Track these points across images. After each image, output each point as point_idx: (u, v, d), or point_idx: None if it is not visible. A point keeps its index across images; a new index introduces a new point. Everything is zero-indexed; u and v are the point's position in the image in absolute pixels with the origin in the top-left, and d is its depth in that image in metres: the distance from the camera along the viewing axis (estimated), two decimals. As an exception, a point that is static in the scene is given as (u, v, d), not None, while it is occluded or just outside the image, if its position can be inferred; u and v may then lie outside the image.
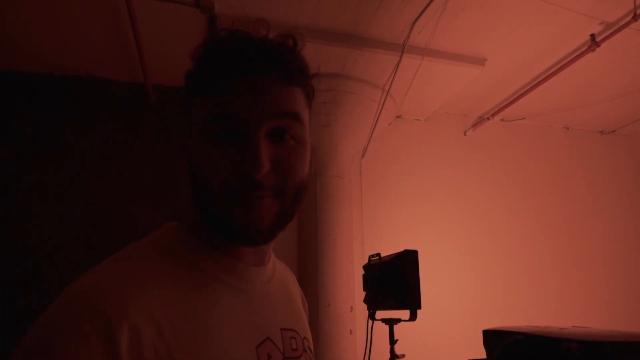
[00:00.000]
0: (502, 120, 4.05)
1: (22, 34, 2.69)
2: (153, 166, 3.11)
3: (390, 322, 1.91)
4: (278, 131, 0.58)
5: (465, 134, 3.95)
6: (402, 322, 1.88)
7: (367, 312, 2.00)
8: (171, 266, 0.57)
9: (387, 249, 2.21)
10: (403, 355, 1.89)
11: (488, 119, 3.88)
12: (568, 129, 4.29)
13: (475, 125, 3.94)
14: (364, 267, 2.09)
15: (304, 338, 0.71)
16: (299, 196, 0.61)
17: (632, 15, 2.57)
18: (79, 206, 2.95)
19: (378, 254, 2.00)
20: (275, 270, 0.73)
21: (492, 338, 0.80)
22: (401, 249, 1.90)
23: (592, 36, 2.81)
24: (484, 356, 0.87)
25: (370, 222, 3.47)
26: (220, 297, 0.58)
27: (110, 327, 0.46)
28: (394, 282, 1.84)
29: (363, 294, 2.05)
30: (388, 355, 1.92)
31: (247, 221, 0.57)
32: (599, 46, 2.80)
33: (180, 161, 3.13)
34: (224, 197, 0.56)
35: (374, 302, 1.95)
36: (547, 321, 3.64)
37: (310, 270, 2.98)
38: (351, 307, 2.97)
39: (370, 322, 1.91)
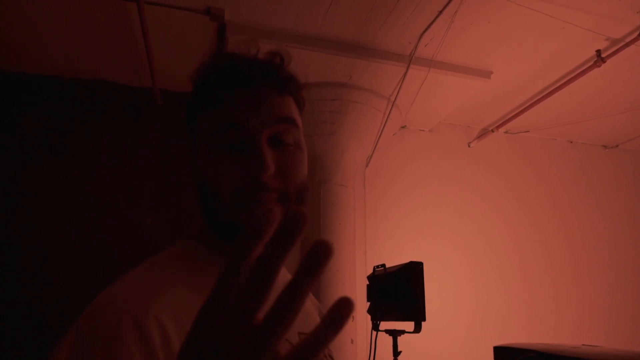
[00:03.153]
0: (506, 132, 4.06)
1: (32, 36, 2.71)
2: (157, 171, 3.12)
3: (394, 334, 1.90)
4: (278, 137, 0.63)
5: (469, 146, 3.96)
6: (406, 334, 1.88)
7: (368, 322, 1.99)
8: (187, 273, 0.60)
9: (390, 259, 2.21)
10: (406, 367, 1.88)
11: (492, 131, 3.90)
12: (572, 142, 4.30)
13: (479, 137, 3.95)
14: (369, 278, 2.08)
15: None
16: (302, 198, 0.64)
17: (638, 32, 2.59)
18: (82, 209, 2.96)
19: (383, 265, 2.00)
20: (286, 278, 0.73)
21: (504, 354, 0.80)
22: (404, 260, 1.90)
23: (598, 52, 2.83)
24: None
25: (373, 231, 3.47)
26: None
27: (141, 326, 0.49)
28: (399, 294, 1.84)
29: (365, 303, 2.05)
30: (391, 367, 1.91)
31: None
32: (604, 62, 2.82)
33: (184, 167, 3.14)
34: (232, 201, 0.60)
35: (378, 313, 1.95)
36: (549, 335, 3.62)
37: (312, 279, 2.97)
38: (353, 317, 2.96)
39: (374, 332, 1.91)
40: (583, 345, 0.87)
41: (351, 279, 3.02)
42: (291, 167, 0.63)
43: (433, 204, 3.69)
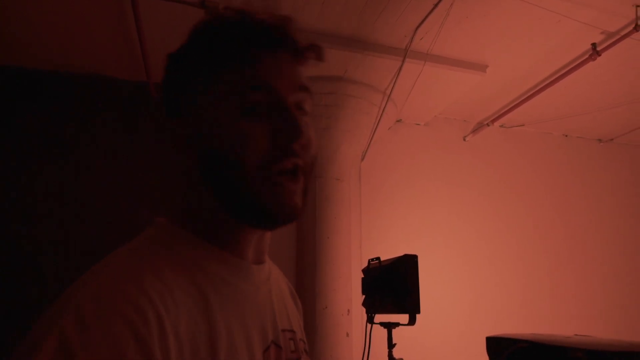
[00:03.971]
0: (501, 126, 4.07)
1: (27, 31, 2.68)
2: (154, 164, 3.11)
3: (389, 326, 1.91)
4: (297, 106, 0.60)
5: (464, 139, 3.97)
6: (400, 326, 1.88)
7: (363, 315, 2.00)
8: (174, 268, 0.53)
9: (385, 253, 2.21)
10: (401, 359, 1.89)
11: (488, 125, 3.90)
12: (567, 136, 4.32)
13: (474, 130, 3.95)
14: (363, 271, 2.09)
15: (300, 339, 0.70)
16: (313, 171, 0.62)
17: (633, 26, 2.59)
18: (79, 203, 2.94)
19: (378, 258, 2.00)
20: (271, 268, 0.71)
21: (496, 345, 0.81)
22: (399, 253, 1.90)
23: (594, 45, 2.83)
24: (485, 362, 0.88)
25: (369, 225, 3.47)
26: (227, 300, 0.57)
27: (137, 328, 0.43)
28: (394, 286, 1.85)
29: (360, 297, 2.06)
30: (386, 359, 1.92)
31: (282, 197, 0.56)
32: (600, 55, 2.82)
33: (173, 137, 3.11)
34: (259, 172, 0.54)
35: (372, 306, 1.95)
36: (543, 327, 3.65)
37: (307, 273, 2.98)
38: (348, 310, 2.97)
39: (368, 325, 1.92)
40: (576, 335, 0.88)
41: (346, 272, 3.03)
42: (309, 138, 0.59)
43: (428, 198, 3.70)
